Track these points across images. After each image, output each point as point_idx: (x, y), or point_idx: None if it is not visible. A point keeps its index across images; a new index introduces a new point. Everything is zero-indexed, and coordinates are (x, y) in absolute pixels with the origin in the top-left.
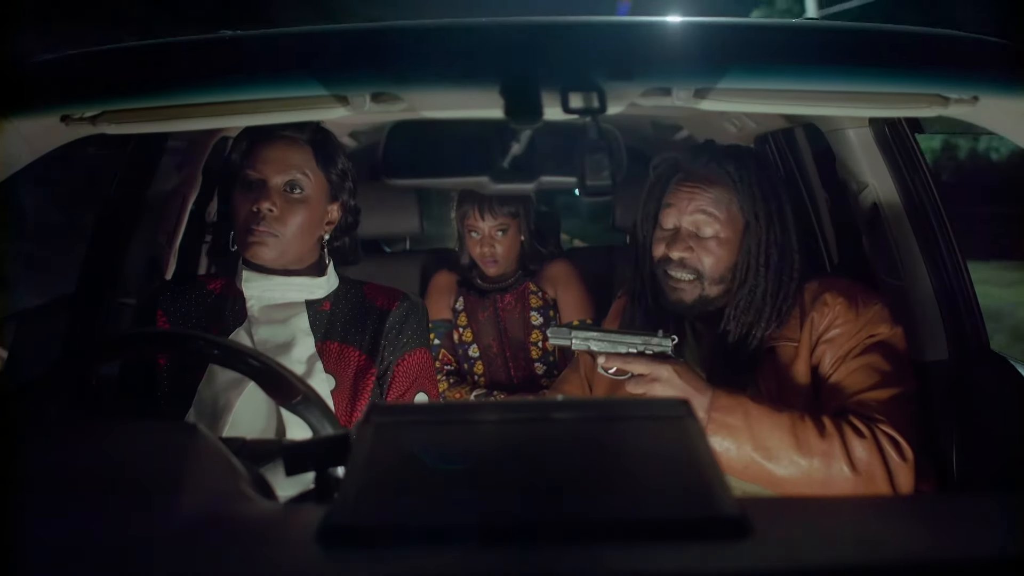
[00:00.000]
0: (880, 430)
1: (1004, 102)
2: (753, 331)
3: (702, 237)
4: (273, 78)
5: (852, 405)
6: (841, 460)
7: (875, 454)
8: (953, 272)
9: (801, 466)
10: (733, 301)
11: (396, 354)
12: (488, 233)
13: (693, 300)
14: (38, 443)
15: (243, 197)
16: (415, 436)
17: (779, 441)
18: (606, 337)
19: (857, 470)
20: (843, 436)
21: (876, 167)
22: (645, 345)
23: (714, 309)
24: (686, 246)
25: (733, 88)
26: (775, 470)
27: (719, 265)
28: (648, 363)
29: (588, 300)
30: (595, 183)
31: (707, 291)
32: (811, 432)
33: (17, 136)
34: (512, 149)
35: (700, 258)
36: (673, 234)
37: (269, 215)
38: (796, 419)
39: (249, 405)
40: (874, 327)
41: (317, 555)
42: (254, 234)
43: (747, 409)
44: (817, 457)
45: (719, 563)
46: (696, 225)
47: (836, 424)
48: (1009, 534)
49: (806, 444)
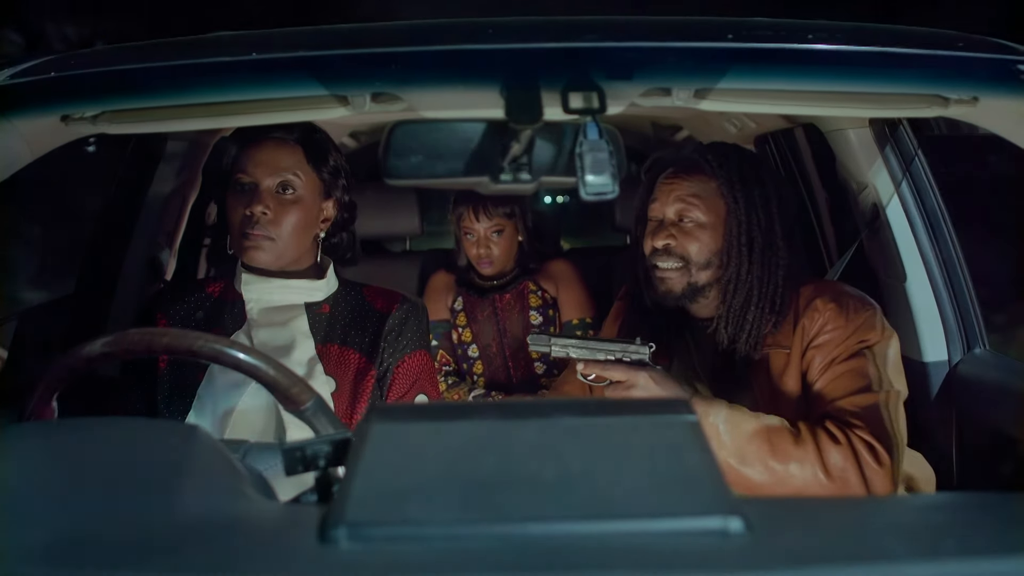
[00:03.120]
0: (856, 436)
1: (1004, 102)
2: (747, 324)
3: (684, 224)
4: (273, 78)
5: (832, 410)
6: (816, 466)
7: (850, 460)
8: (953, 272)
9: (776, 472)
10: (721, 285)
11: (396, 356)
12: (484, 234)
13: (682, 288)
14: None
15: (236, 201)
16: (415, 436)
17: (755, 448)
18: (585, 344)
19: (832, 476)
20: (818, 442)
21: (876, 167)
22: (623, 352)
23: (707, 303)
24: (668, 234)
25: (733, 88)
26: (751, 475)
27: (704, 250)
28: (625, 370)
29: (588, 299)
30: (595, 183)
31: (695, 278)
32: (786, 438)
33: (17, 136)
34: (512, 149)
35: (684, 245)
36: (657, 225)
37: (263, 218)
38: (772, 425)
39: (250, 407)
40: (863, 334)
41: (317, 555)
42: (250, 238)
43: (723, 416)
44: (793, 463)
45: (719, 563)
46: (678, 213)
47: (811, 430)
48: (1009, 534)
49: (781, 450)
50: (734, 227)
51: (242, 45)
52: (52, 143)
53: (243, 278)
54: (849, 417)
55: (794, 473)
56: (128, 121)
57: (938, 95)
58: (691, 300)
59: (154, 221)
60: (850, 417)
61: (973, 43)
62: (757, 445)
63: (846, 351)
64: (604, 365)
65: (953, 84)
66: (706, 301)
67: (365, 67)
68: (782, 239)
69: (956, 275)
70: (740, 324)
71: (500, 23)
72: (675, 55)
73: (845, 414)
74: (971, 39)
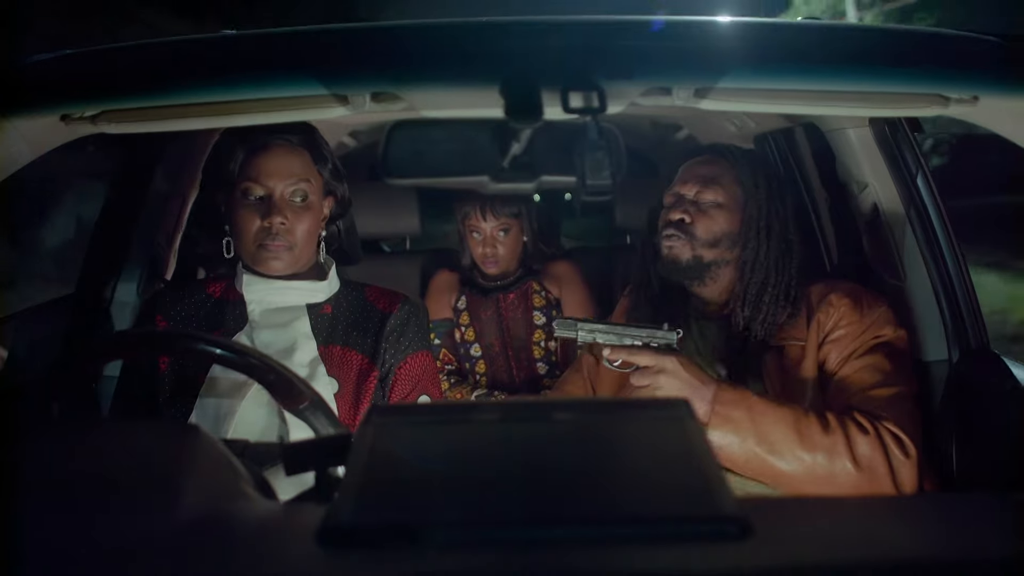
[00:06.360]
0: (884, 427)
1: (1005, 102)
2: (763, 306)
3: (702, 203)
4: (273, 78)
5: (856, 403)
6: (844, 456)
7: (879, 450)
8: (953, 272)
9: (804, 461)
10: (738, 265)
11: (398, 357)
12: (490, 234)
13: (687, 260)
14: (38, 443)
15: (249, 212)
16: (415, 436)
17: (783, 436)
18: (612, 330)
19: (860, 466)
20: (847, 432)
21: (876, 167)
22: (650, 338)
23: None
24: (684, 210)
25: (733, 88)
26: (778, 465)
27: (713, 228)
28: (653, 355)
29: (592, 299)
30: (595, 183)
31: (699, 252)
32: (815, 428)
33: (17, 136)
34: (512, 149)
35: (695, 221)
36: (676, 199)
37: (281, 228)
38: (800, 414)
39: (251, 409)
40: (878, 328)
41: (317, 555)
42: (269, 249)
43: (750, 403)
44: (820, 452)
45: (719, 563)
46: (696, 192)
47: (840, 420)
48: (1009, 534)
49: (809, 439)
50: (754, 210)
51: (242, 45)
52: (52, 143)
53: (244, 279)
54: (876, 408)
55: (822, 463)
56: (128, 121)
57: (938, 94)
58: (696, 277)
59: (154, 221)
60: (877, 408)
61: (973, 42)
62: (785, 433)
63: (862, 346)
64: (631, 351)
65: (953, 83)
66: (713, 284)
67: (365, 67)
68: (795, 233)
69: (956, 275)
70: (757, 306)
71: (500, 22)
72: (675, 55)
73: (871, 406)
74: (971, 38)
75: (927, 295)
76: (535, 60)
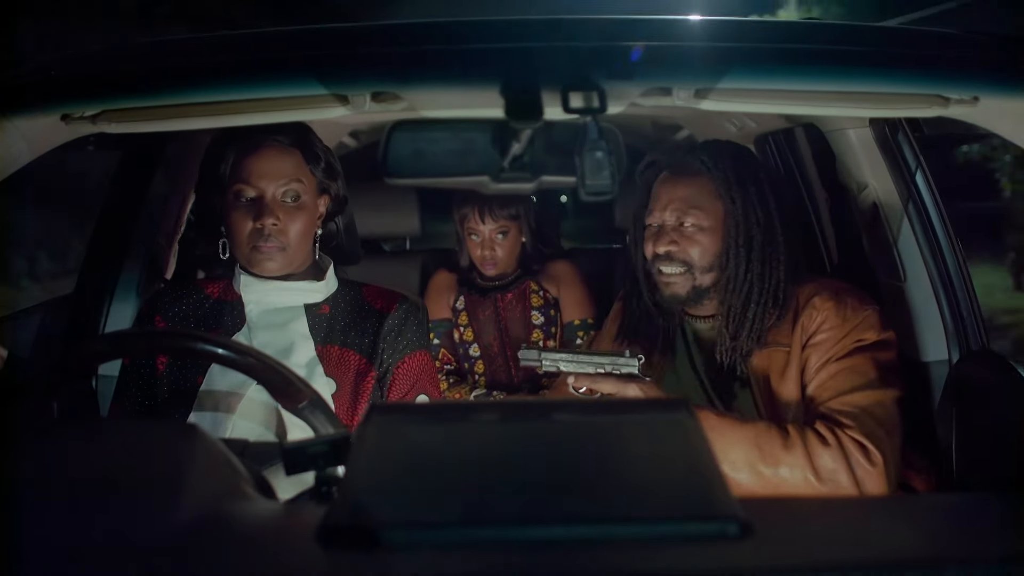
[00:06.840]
0: (847, 436)
1: (1004, 102)
2: (747, 322)
3: (684, 228)
4: (273, 77)
5: (824, 411)
6: (806, 469)
7: (841, 461)
8: (953, 272)
9: (766, 477)
10: (721, 285)
11: (396, 357)
12: (488, 236)
13: (687, 292)
14: (38, 443)
15: (241, 213)
16: (415, 436)
17: (743, 453)
18: (575, 358)
19: (822, 478)
20: (807, 445)
21: (876, 167)
22: (612, 365)
23: (709, 303)
24: (670, 240)
25: (733, 88)
26: (741, 481)
27: (706, 254)
28: (616, 383)
29: (590, 299)
30: (595, 183)
31: (699, 281)
32: (776, 442)
33: (17, 135)
34: (512, 149)
35: (686, 249)
36: (658, 230)
37: (274, 229)
38: (761, 430)
39: (251, 408)
40: (861, 332)
41: (317, 555)
42: (262, 251)
43: (711, 423)
44: (783, 467)
45: (719, 563)
46: (677, 218)
47: (800, 433)
48: (1009, 534)
49: (770, 455)
50: (732, 228)
51: (242, 44)
52: (52, 142)
53: (242, 280)
54: (840, 417)
55: (784, 477)
56: (128, 120)
57: (938, 95)
58: (695, 302)
59: (154, 221)
60: (841, 417)
61: (973, 43)
62: (745, 450)
63: (842, 350)
64: (594, 378)
65: (953, 84)
66: (708, 301)
67: (365, 67)
68: (781, 234)
69: (956, 275)
70: (740, 322)
71: (500, 22)
72: (675, 55)
73: (837, 414)
74: (971, 38)
75: (927, 295)
76: (535, 60)
